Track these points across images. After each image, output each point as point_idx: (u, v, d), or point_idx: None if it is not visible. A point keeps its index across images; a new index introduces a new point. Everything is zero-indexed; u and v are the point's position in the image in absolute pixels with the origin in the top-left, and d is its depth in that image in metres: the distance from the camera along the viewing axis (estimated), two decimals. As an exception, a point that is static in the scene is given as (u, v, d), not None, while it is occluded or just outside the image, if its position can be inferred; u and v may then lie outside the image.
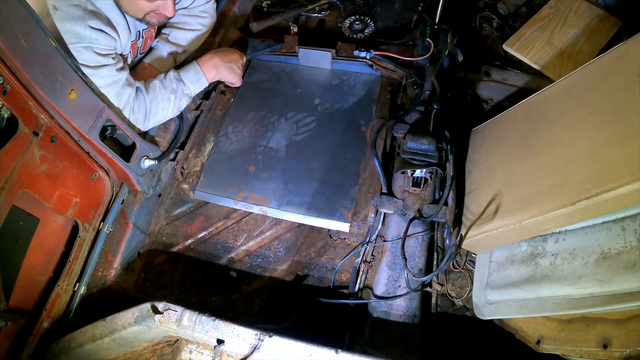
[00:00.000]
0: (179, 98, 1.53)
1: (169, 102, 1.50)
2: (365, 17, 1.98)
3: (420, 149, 1.36)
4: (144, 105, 1.45)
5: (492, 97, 1.74)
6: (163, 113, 1.51)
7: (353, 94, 1.77)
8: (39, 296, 1.21)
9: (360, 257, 1.43)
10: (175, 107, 1.53)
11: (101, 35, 1.28)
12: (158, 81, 1.49)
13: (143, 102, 1.44)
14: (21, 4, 0.99)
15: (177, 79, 1.52)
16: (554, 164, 1.13)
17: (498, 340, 1.30)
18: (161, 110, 1.49)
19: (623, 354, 0.97)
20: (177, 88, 1.52)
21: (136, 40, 1.49)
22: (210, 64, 1.60)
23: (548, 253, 1.18)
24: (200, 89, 1.60)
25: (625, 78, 1.07)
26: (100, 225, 1.38)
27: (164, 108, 1.50)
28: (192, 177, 1.64)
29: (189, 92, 1.56)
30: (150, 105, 1.46)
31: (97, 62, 1.30)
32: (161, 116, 1.51)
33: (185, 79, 1.54)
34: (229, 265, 1.52)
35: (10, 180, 1.04)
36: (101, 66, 1.30)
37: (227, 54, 1.67)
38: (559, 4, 1.95)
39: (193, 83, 1.56)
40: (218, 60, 1.62)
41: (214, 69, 1.61)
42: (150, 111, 1.47)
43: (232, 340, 1.08)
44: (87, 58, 1.27)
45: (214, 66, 1.61)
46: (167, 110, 1.51)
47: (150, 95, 1.46)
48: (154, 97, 1.47)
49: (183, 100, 1.55)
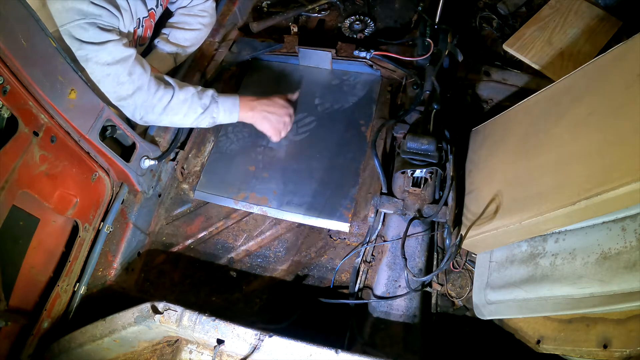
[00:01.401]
0: (205, 116, 1.45)
1: (195, 113, 1.43)
2: (365, 17, 1.98)
3: (420, 149, 1.36)
4: (169, 99, 1.37)
5: (492, 97, 1.74)
6: (183, 119, 1.43)
7: (353, 94, 1.77)
8: (39, 296, 1.21)
9: (360, 257, 1.43)
10: (196, 121, 1.46)
11: (104, 11, 1.24)
12: (194, 89, 1.44)
13: (169, 96, 1.37)
14: (21, 4, 0.99)
15: (213, 99, 1.46)
16: (554, 164, 1.13)
17: (498, 340, 1.30)
18: (182, 115, 1.42)
19: (623, 354, 0.97)
20: (209, 106, 1.45)
21: (137, 28, 1.45)
22: (249, 105, 1.53)
23: (548, 253, 1.18)
24: (229, 120, 1.52)
25: (625, 78, 1.07)
26: (100, 225, 1.38)
27: (187, 115, 1.42)
28: (192, 177, 1.64)
29: (217, 116, 1.48)
30: (176, 104, 1.39)
31: (102, 38, 1.24)
32: (179, 120, 1.44)
33: (221, 103, 1.47)
34: (229, 265, 1.52)
35: (10, 180, 1.04)
36: (107, 41, 1.25)
37: (272, 104, 1.57)
38: (559, 4, 1.95)
39: (225, 111, 1.49)
40: (257, 105, 1.54)
41: (250, 110, 1.53)
42: (173, 109, 1.39)
43: (232, 340, 1.08)
44: (92, 34, 1.22)
45: (252, 108, 1.53)
46: (188, 118, 1.44)
47: (181, 95, 1.39)
48: (184, 99, 1.40)
49: (206, 121, 1.47)
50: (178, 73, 1.72)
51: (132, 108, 1.37)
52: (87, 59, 1.24)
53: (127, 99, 1.34)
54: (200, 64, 1.79)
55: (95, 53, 1.24)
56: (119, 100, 1.34)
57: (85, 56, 1.24)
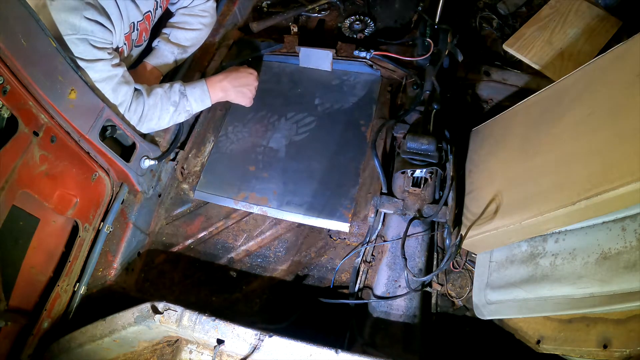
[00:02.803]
0: (178, 112, 1.50)
1: (167, 113, 1.48)
2: (365, 17, 1.98)
3: (420, 149, 1.36)
4: (141, 108, 1.42)
5: (492, 97, 1.74)
6: (158, 122, 1.48)
7: (353, 94, 1.77)
8: (39, 296, 1.21)
9: (360, 257, 1.43)
10: (172, 119, 1.51)
11: (97, 27, 1.26)
12: (162, 90, 1.47)
13: (141, 106, 1.42)
14: (21, 4, 0.99)
15: (181, 93, 1.50)
16: (554, 164, 1.13)
17: (498, 340, 1.30)
18: (157, 118, 1.47)
19: (623, 354, 0.97)
20: (179, 102, 1.49)
21: (130, 33, 1.46)
22: (219, 87, 1.57)
23: (548, 253, 1.18)
24: (202, 108, 1.57)
25: (625, 78, 1.07)
26: (100, 225, 1.38)
27: (161, 117, 1.48)
28: (192, 177, 1.64)
29: (190, 109, 1.53)
30: (148, 110, 1.44)
31: (92, 56, 1.27)
32: (155, 124, 1.48)
33: (189, 96, 1.51)
34: (229, 265, 1.52)
35: (10, 180, 1.04)
36: (96, 60, 1.28)
37: (239, 77, 1.62)
38: (559, 4, 1.95)
39: (197, 101, 1.53)
40: (227, 84, 1.59)
41: (221, 92, 1.59)
42: (146, 116, 1.44)
43: (232, 340, 1.08)
44: (82, 50, 1.25)
45: (222, 89, 1.58)
46: (163, 120, 1.49)
47: (150, 101, 1.44)
48: (154, 104, 1.44)
49: (182, 115, 1.52)
50: (178, 73, 1.72)
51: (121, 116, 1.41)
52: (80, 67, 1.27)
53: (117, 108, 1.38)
54: (200, 64, 1.79)
55: (85, 66, 1.27)
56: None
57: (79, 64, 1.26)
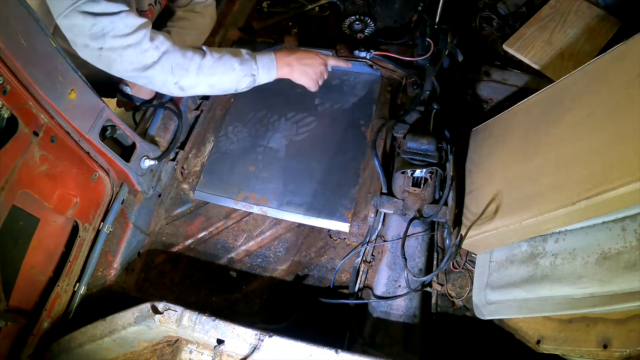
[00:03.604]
0: (243, 73, 1.35)
1: (232, 72, 1.33)
2: (365, 17, 1.98)
3: (420, 149, 1.37)
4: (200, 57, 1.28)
5: (492, 97, 1.74)
6: (220, 79, 1.32)
7: (353, 94, 1.77)
8: (39, 296, 1.21)
9: (360, 257, 1.43)
10: (235, 81, 1.35)
11: None
12: (226, 49, 1.35)
13: (200, 55, 1.28)
14: (21, 4, 0.99)
15: (249, 55, 1.37)
16: (554, 164, 1.13)
17: (498, 340, 1.30)
18: (220, 74, 1.31)
19: (623, 354, 0.97)
20: (245, 62, 1.35)
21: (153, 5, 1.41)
22: (285, 61, 1.46)
23: (548, 253, 1.18)
24: (267, 79, 1.43)
25: (625, 78, 1.07)
26: (100, 225, 1.38)
27: (225, 74, 1.31)
28: (192, 177, 1.64)
29: (256, 74, 1.38)
30: (210, 62, 1.29)
31: (115, 8, 1.15)
32: (217, 81, 1.32)
33: (259, 60, 1.38)
34: (229, 265, 1.52)
35: (10, 180, 1.04)
36: (120, 11, 1.16)
37: (306, 56, 1.51)
38: (559, 4, 1.95)
39: (264, 68, 1.40)
40: (293, 60, 1.48)
41: (287, 66, 1.46)
42: (208, 68, 1.29)
43: (232, 340, 1.08)
44: (104, 6, 1.13)
45: (288, 63, 1.47)
46: (226, 78, 1.32)
47: (214, 53, 1.30)
48: (219, 57, 1.30)
49: (246, 80, 1.37)
50: (178, 73, 1.71)
51: (163, 75, 1.26)
52: (103, 33, 1.16)
53: (154, 66, 1.24)
54: (200, 64, 1.79)
55: (112, 25, 1.16)
56: (145, 70, 1.24)
57: (102, 30, 1.15)
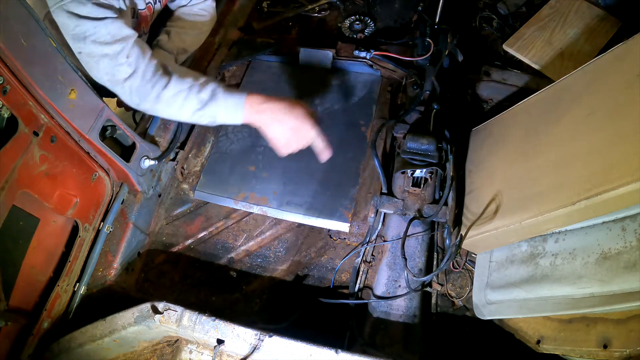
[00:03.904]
0: (202, 113, 1.24)
1: (190, 109, 1.23)
2: (365, 17, 1.98)
3: (420, 149, 1.37)
4: (162, 85, 1.21)
5: (492, 97, 1.74)
6: (179, 112, 1.25)
7: (353, 94, 1.77)
8: (39, 296, 1.21)
9: (360, 257, 1.43)
10: (192, 117, 1.25)
11: None
12: (195, 81, 1.23)
13: (163, 82, 1.21)
14: (21, 4, 0.99)
15: (213, 95, 1.23)
16: (554, 164, 1.13)
17: (498, 340, 1.30)
18: (177, 108, 1.23)
19: (623, 354, 0.97)
20: (207, 102, 1.23)
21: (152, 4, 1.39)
22: (256, 109, 1.25)
23: (548, 253, 1.18)
24: (230, 121, 1.27)
25: (625, 78, 1.07)
26: (100, 225, 1.38)
27: (182, 108, 1.23)
28: (192, 177, 1.64)
29: (214, 116, 1.25)
30: (170, 95, 1.22)
31: (100, 14, 1.13)
32: (174, 112, 1.25)
33: (222, 100, 1.23)
34: (229, 265, 1.52)
35: (10, 180, 1.04)
36: (105, 18, 1.14)
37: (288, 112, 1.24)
38: (559, 4, 1.95)
39: (226, 111, 1.24)
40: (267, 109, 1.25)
41: (257, 115, 1.25)
42: (166, 100, 1.22)
43: (232, 340, 1.08)
44: (90, 9, 1.12)
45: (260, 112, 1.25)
46: (183, 112, 1.24)
47: (177, 85, 1.21)
48: (179, 91, 1.22)
49: (204, 118, 1.26)
50: (178, 73, 1.71)
51: (128, 93, 1.22)
52: (85, 36, 1.13)
53: (122, 82, 1.21)
54: (201, 64, 1.79)
55: (94, 29, 1.13)
56: (114, 84, 1.21)
57: (84, 33, 1.13)
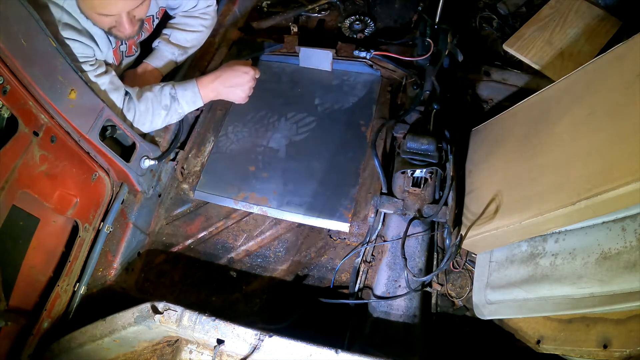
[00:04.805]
0: (170, 115, 1.51)
1: (159, 117, 1.49)
2: (365, 17, 1.98)
3: (420, 149, 1.37)
4: (132, 114, 1.43)
5: (492, 97, 1.74)
6: (152, 125, 1.49)
7: (353, 94, 1.77)
8: (39, 296, 1.21)
9: (360, 257, 1.43)
10: (164, 122, 1.51)
11: (76, 44, 1.27)
12: (152, 94, 1.46)
13: (132, 111, 1.43)
14: (21, 4, 0.99)
15: (172, 97, 1.49)
16: (554, 164, 1.13)
17: (498, 340, 1.30)
18: (149, 122, 1.47)
19: (623, 354, 0.97)
20: (170, 105, 1.49)
21: (118, 47, 1.47)
22: (210, 88, 1.56)
23: (548, 253, 1.18)
24: (194, 108, 1.57)
25: (625, 78, 1.07)
26: (100, 225, 1.38)
27: (153, 121, 1.48)
28: (192, 177, 1.64)
29: (182, 111, 1.53)
30: (140, 116, 1.44)
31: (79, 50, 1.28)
32: (149, 127, 1.49)
33: (180, 98, 1.51)
34: (229, 265, 1.52)
35: (10, 180, 1.04)
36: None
37: (232, 76, 1.59)
38: (559, 4, 1.95)
39: (188, 103, 1.53)
40: (218, 85, 1.57)
41: (212, 92, 1.57)
42: (139, 121, 1.45)
43: (232, 340, 1.08)
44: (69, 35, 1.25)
45: (214, 89, 1.57)
46: (156, 123, 1.49)
47: (141, 106, 1.44)
48: (145, 109, 1.45)
49: (174, 117, 1.53)
50: (178, 73, 1.71)
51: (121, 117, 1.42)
52: None
53: None
54: (201, 64, 1.79)
55: None
56: None
57: None
